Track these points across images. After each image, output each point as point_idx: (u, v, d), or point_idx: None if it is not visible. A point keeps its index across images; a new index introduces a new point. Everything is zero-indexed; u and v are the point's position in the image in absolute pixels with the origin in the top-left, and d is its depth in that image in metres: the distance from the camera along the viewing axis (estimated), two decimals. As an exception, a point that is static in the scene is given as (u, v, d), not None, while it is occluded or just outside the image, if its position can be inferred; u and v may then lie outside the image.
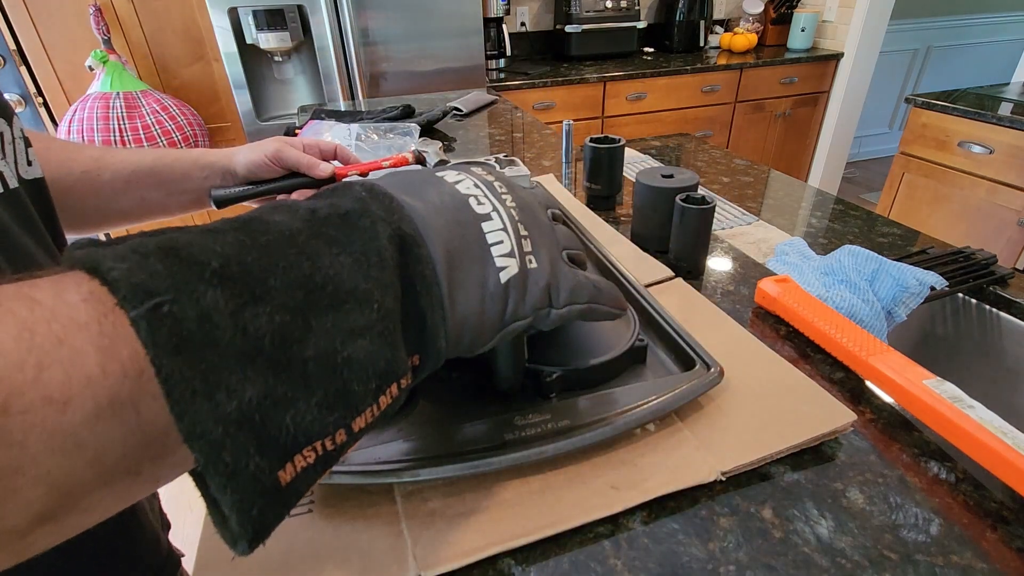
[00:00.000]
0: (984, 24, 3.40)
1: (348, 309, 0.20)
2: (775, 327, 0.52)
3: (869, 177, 3.35)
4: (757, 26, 2.73)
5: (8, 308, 0.14)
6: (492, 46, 2.34)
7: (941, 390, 0.38)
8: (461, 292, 0.25)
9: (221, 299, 0.16)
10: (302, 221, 0.21)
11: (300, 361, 0.18)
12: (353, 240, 0.21)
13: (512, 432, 0.36)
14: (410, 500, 0.34)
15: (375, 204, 0.23)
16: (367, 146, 0.95)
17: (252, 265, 0.18)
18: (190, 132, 1.94)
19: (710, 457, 0.36)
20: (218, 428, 0.16)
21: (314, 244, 0.20)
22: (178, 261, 0.16)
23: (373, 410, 0.21)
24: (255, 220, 0.20)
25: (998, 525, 0.33)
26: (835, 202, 0.85)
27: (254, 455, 0.17)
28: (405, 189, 0.26)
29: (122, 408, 0.15)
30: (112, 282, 0.15)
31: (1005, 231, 1.59)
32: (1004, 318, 0.64)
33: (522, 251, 0.27)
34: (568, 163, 0.98)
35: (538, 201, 0.32)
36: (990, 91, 1.79)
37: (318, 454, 0.19)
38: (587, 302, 0.30)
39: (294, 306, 0.18)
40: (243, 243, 0.18)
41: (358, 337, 0.20)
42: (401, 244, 0.23)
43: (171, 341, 0.15)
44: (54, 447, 0.14)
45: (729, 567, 0.31)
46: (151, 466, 0.17)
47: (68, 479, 0.15)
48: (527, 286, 0.27)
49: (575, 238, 0.33)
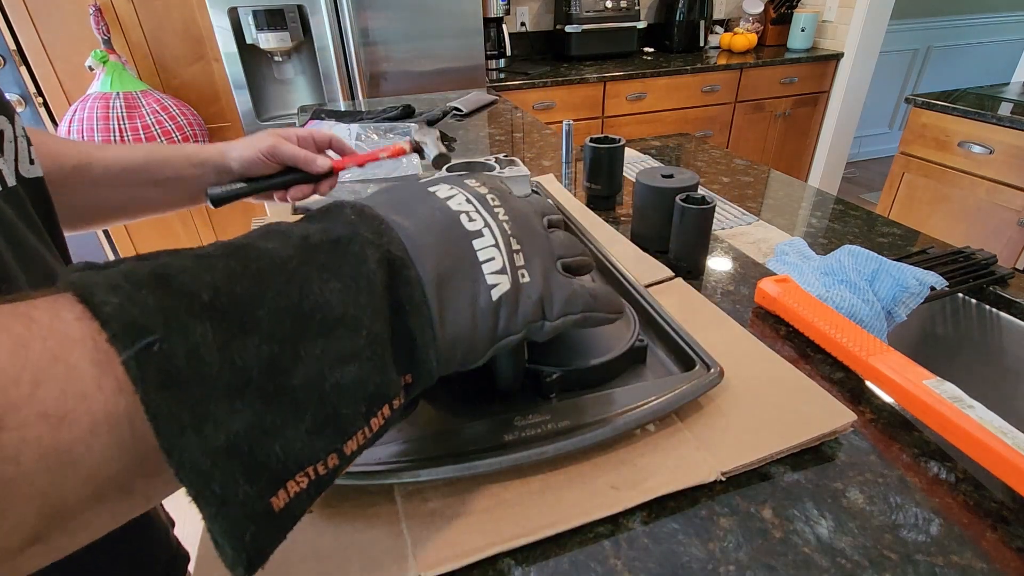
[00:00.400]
0: (984, 24, 3.40)
1: (337, 336, 0.20)
2: (775, 327, 0.52)
3: (869, 177, 3.35)
4: (757, 26, 2.73)
5: (4, 325, 0.14)
6: (492, 46, 2.34)
7: (941, 390, 0.38)
8: (451, 311, 0.25)
9: (210, 333, 0.16)
10: (294, 248, 0.21)
11: (288, 389, 0.18)
12: (343, 265, 0.21)
13: (512, 433, 0.36)
14: (410, 500, 0.34)
15: (365, 228, 0.23)
16: (367, 146, 0.95)
17: (242, 295, 0.18)
18: (190, 132, 1.94)
19: (710, 457, 0.36)
20: (207, 460, 0.16)
21: (304, 271, 0.20)
22: (169, 293, 0.16)
23: (365, 432, 0.21)
24: (248, 247, 0.20)
25: (998, 525, 0.33)
26: (835, 202, 0.86)
27: (243, 484, 0.17)
28: (396, 208, 0.26)
29: (117, 424, 0.15)
30: (103, 318, 0.15)
31: (1005, 231, 1.59)
32: (1004, 318, 0.64)
33: (514, 266, 0.28)
34: (568, 163, 0.98)
35: (534, 209, 0.32)
36: (990, 91, 1.79)
37: (311, 479, 0.19)
38: (582, 311, 0.30)
39: (282, 335, 0.18)
40: (234, 271, 0.18)
41: (347, 363, 0.20)
42: (390, 267, 0.23)
43: (159, 378, 0.15)
44: (49, 464, 0.14)
45: (729, 567, 0.31)
46: (144, 484, 0.17)
47: (61, 497, 0.15)
48: (519, 300, 0.27)
49: (574, 243, 0.32)
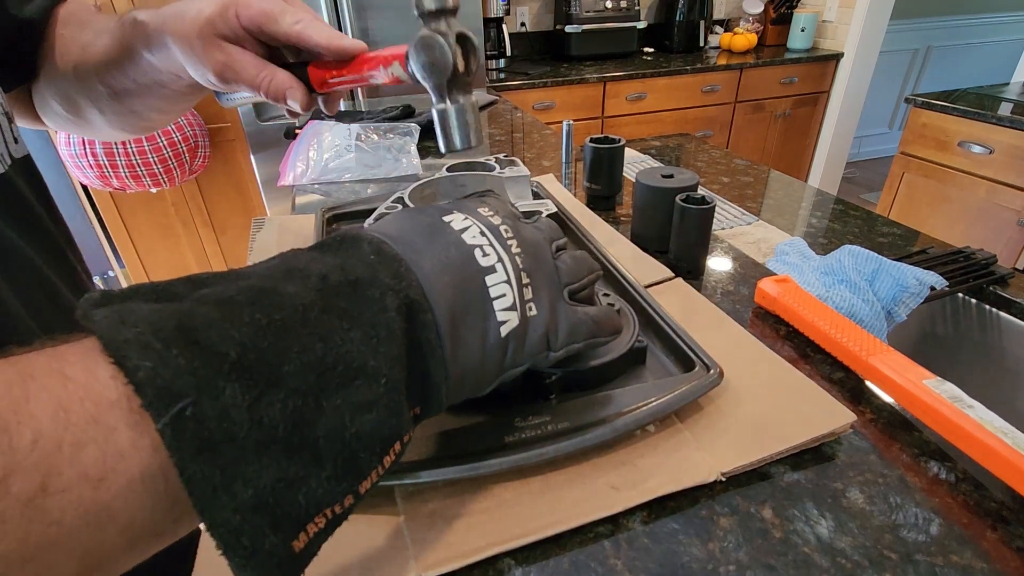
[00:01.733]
0: (984, 24, 3.40)
1: (357, 385, 0.20)
2: (775, 327, 0.52)
3: (869, 177, 3.35)
4: (757, 26, 2.73)
5: (43, 384, 0.15)
6: (492, 46, 2.34)
7: (941, 390, 0.38)
8: (463, 349, 0.26)
9: (239, 393, 0.17)
10: (315, 292, 0.21)
11: (312, 441, 0.19)
12: (363, 312, 0.22)
13: (512, 434, 0.36)
14: (410, 501, 0.34)
15: (384, 271, 0.24)
16: (367, 146, 0.95)
17: (267, 351, 0.18)
18: (190, 132, 1.94)
19: (710, 457, 0.36)
20: (236, 516, 0.16)
21: (326, 320, 0.20)
22: (199, 353, 0.17)
23: (378, 471, 0.21)
24: (270, 293, 0.20)
25: (998, 525, 0.33)
26: (835, 202, 0.86)
27: (270, 534, 0.17)
28: (412, 244, 0.26)
29: (152, 479, 0.16)
30: (137, 383, 0.15)
31: (1005, 231, 1.59)
32: (1004, 318, 0.64)
33: (523, 300, 0.28)
34: (568, 163, 0.98)
35: (544, 236, 0.33)
36: (990, 91, 1.79)
37: (328, 519, 0.20)
38: (584, 339, 0.32)
39: (306, 389, 0.19)
40: (259, 325, 0.19)
41: (366, 411, 0.20)
42: (408, 312, 0.24)
43: (193, 444, 0.16)
44: (89, 521, 0.15)
45: (729, 567, 0.31)
46: (173, 527, 0.18)
47: (99, 549, 0.15)
48: (527, 334, 0.29)
49: (580, 266, 0.33)
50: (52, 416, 0.14)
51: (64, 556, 0.14)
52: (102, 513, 0.15)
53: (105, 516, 0.15)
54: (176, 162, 1.91)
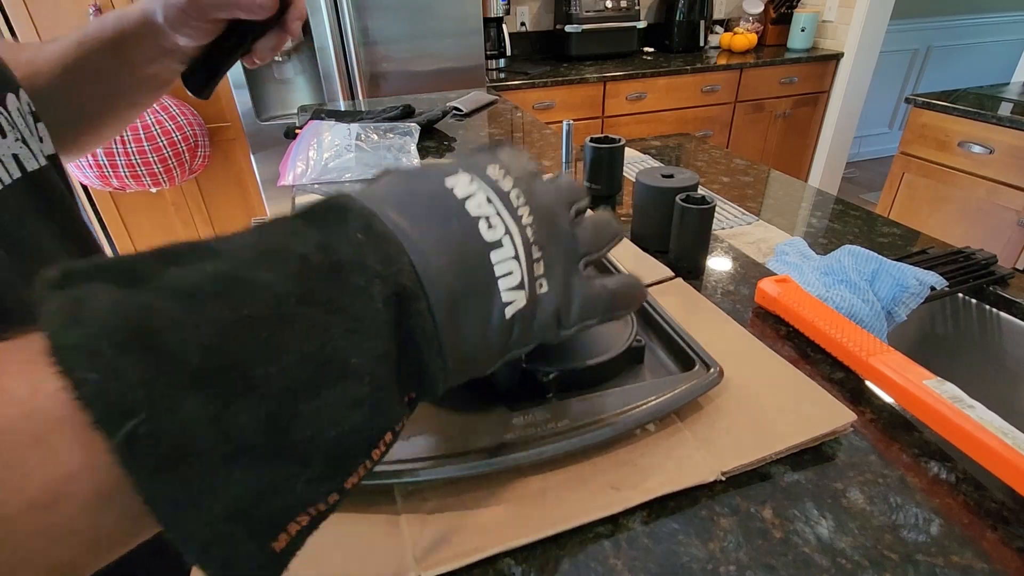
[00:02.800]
0: (984, 24, 3.41)
1: (339, 386, 0.19)
2: (775, 327, 0.52)
3: (869, 177, 3.35)
4: (757, 26, 2.73)
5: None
6: (492, 46, 2.34)
7: (941, 390, 0.38)
8: (462, 335, 0.23)
9: (201, 405, 0.15)
10: (292, 279, 0.19)
11: (288, 446, 0.17)
12: (346, 304, 0.19)
13: (512, 433, 0.36)
14: (410, 500, 0.34)
15: (372, 254, 0.21)
16: (367, 146, 0.95)
17: (235, 354, 0.16)
18: (190, 132, 1.94)
19: (710, 457, 0.36)
20: (207, 531, 0.15)
21: (303, 314, 0.18)
22: (154, 361, 0.15)
23: (366, 464, 0.20)
24: (239, 281, 0.18)
25: (998, 525, 0.33)
26: (835, 202, 0.85)
27: (246, 541, 0.16)
28: (408, 216, 0.23)
29: (110, 498, 0.15)
30: (85, 399, 0.14)
31: (1005, 231, 1.59)
32: (1004, 318, 0.64)
33: (532, 277, 0.25)
34: (568, 163, 0.98)
35: (560, 199, 0.28)
36: (990, 91, 1.79)
37: (311, 516, 0.19)
38: (601, 315, 0.29)
39: (280, 393, 0.17)
40: (224, 323, 0.17)
41: (349, 412, 0.19)
42: (399, 301, 0.21)
43: (150, 463, 0.15)
44: (49, 540, 0.14)
45: (729, 567, 0.31)
46: (148, 532, 0.17)
47: (67, 561, 0.15)
48: (535, 314, 0.26)
49: (601, 230, 0.29)
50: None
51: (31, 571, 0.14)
52: (62, 530, 0.14)
53: (66, 532, 0.15)
54: (176, 162, 1.91)
